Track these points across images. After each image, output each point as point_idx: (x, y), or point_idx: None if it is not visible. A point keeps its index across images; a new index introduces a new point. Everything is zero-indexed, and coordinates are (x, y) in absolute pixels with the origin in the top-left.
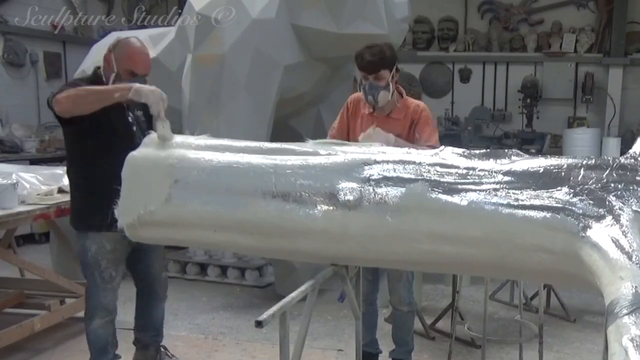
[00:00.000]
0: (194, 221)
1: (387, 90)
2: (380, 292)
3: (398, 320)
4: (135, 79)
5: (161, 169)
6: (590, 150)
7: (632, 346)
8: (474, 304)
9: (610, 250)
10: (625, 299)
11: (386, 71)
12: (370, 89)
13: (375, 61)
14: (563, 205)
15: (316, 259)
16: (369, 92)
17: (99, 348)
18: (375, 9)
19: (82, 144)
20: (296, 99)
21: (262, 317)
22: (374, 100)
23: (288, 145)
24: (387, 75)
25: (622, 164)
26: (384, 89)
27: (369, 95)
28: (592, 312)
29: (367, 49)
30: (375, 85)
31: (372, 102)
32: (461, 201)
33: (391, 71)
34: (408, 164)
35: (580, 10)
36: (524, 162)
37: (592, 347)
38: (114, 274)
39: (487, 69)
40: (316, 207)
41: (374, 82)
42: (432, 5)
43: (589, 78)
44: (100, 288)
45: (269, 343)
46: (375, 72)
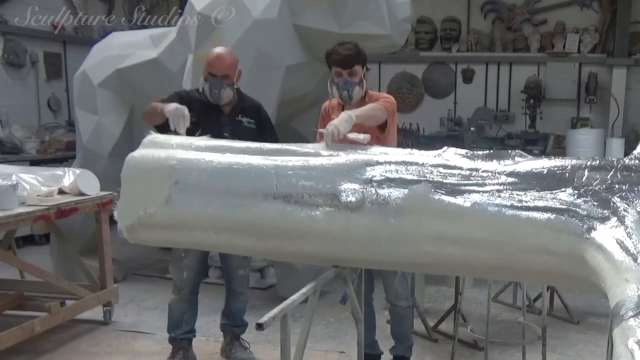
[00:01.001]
0: (194, 223)
1: (361, 87)
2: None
3: (397, 316)
4: (215, 79)
5: (161, 170)
6: (593, 151)
7: (638, 349)
8: (477, 306)
9: (615, 251)
10: (631, 301)
11: (359, 67)
12: (345, 84)
13: (351, 56)
14: (567, 206)
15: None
16: (343, 88)
17: (172, 322)
18: (377, 9)
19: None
20: (298, 99)
21: (263, 320)
22: (348, 96)
23: (289, 146)
24: (360, 72)
25: (627, 164)
26: (358, 85)
27: (344, 91)
28: (596, 314)
29: (340, 46)
30: (350, 81)
31: (347, 98)
32: (464, 202)
33: (363, 68)
34: (410, 165)
35: (583, 10)
36: (527, 163)
37: (596, 350)
38: (183, 255)
39: (490, 70)
40: (318, 208)
41: (348, 78)
42: (435, 6)
43: (592, 78)
44: (175, 266)
45: (270, 345)
46: (350, 67)
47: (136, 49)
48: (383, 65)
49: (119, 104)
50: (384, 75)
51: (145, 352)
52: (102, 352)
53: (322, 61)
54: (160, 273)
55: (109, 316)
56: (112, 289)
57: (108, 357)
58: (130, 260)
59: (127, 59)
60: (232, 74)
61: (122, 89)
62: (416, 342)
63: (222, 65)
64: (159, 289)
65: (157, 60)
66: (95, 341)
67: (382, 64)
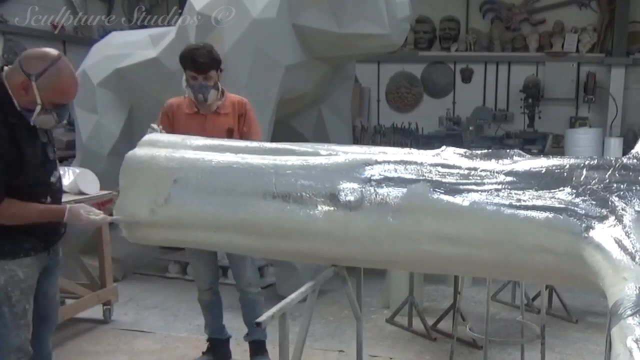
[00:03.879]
0: (193, 222)
1: (216, 89)
2: (380, 292)
3: (250, 303)
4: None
5: (161, 169)
6: (592, 150)
7: (637, 347)
8: (476, 305)
9: (613, 250)
10: (629, 300)
11: (214, 71)
12: (201, 88)
13: (207, 63)
14: (565, 205)
15: (317, 259)
16: (199, 91)
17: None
18: (376, 9)
19: None
20: (297, 99)
21: (262, 319)
22: (204, 99)
23: (288, 146)
24: (215, 75)
25: (625, 164)
26: (213, 88)
27: (199, 94)
28: (595, 313)
29: (194, 51)
30: (205, 85)
31: (203, 101)
32: (463, 202)
33: (217, 71)
34: (409, 165)
35: (582, 10)
36: (526, 163)
37: (595, 348)
38: (27, 307)
39: (488, 69)
40: (317, 207)
41: (203, 82)
42: (434, 5)
43: (591, 78)
44: (12, 327)
45: (269, 344)
46: (205, 72)
47: (136, 49)
48: (382, 64)
49: (119, 104)
50: (382, 74)
51: (145, 350)
52: (102, 350)
53: (321, 61)
54: (159, 272)
55: (109, 315)
56: (112, 287)
57: (108, 355)
58: (130, 259)
59: (126, 59)
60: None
61: (121, 88)
62: (415, 341)
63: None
64: (158, 288)
65: (156, 60)
66: (95, 340)
67: (381, 63)
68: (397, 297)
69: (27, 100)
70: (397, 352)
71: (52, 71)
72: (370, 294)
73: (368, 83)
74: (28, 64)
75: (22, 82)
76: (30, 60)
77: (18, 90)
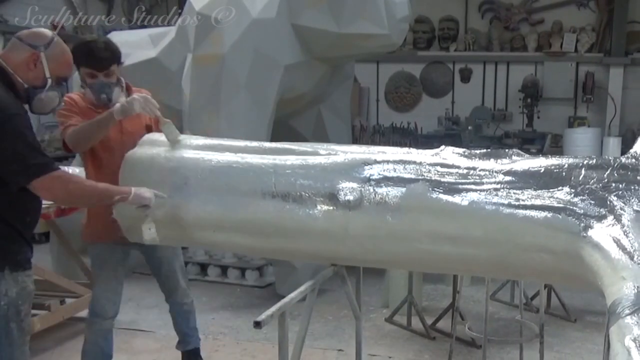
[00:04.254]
0: (193, 221)
1: (120, 86)
2: (379, 291)
3: (184, 314)
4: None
5: (160, 169)
6: (590, 150)
7: (635, 346)
8: (475, 304)
9: (611, 250)
10: (628, 299)
11: (115, 66)
12: (102, 87)
13: (107, 57)
14: (564, 205)
15: (316, 259)
16: (100, 91)
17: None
18: (375, 9)
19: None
20: (297, 99)
21: (261, 318)
22: (108, 99)
23: (288, 145)
24: (116, 70)
25: (623, 163)
26: (117, 86)
27: (102, 94)
28: (593, 312)
29: (90, 44)
30: (108, 82)
31: (106, 101)
32: (462, 201)
33: (118, 65)
34: (408, 164)
35: (580, 9)
36: (524, 162)
37: (593, 347)
38: (30, 322)
39: (487, 69)
40: (316, 207)
41: (105, 79)
42: (433, 5)
43: (589, 78)
44: (19, 343)
45: (269, 343)
46: (107, 68)
47: (135, 49)
48: (381, 64)
49: None
50: (382, 74)
51: (144, 350)
52: None
53: (320, 61)
54: None
55: None
56: None
57: None
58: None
59: (126, 59)
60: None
61: None
62: (414, 340)
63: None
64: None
65: (156, 60)
66: None
67: (380, 63)
68: (396, 296)
69: (34, 75)
70: (396, 351)
71: (57, 42)
72: (370, 293)
73: (367, 83)
74: (32, 37)
75: (31, 55)
76: (32, 35)
77: (24, 67)
